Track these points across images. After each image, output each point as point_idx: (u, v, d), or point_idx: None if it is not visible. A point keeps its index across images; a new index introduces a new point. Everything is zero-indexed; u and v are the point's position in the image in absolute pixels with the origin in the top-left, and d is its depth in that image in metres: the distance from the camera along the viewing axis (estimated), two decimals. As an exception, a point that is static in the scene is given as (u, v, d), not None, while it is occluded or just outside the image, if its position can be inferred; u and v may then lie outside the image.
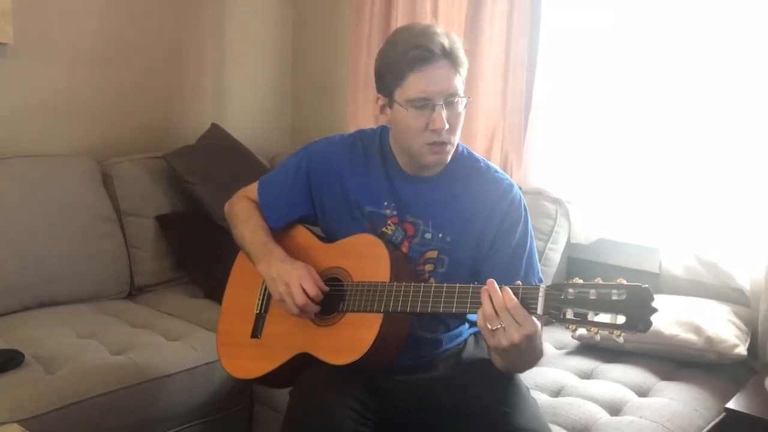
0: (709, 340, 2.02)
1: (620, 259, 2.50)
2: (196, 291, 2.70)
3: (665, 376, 2.04)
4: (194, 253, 2.74)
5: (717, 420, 1.87)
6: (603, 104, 2.47)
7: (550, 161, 2.56)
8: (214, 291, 2.61)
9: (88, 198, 2.62)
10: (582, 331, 1.40)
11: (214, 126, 3.08)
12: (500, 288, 1.44)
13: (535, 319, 1.43)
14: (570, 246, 2.56)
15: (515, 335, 1.42)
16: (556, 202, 2.50)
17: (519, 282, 1.47)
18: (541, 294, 1.42)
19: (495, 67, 2.63)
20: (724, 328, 2.06)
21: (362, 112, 2.97)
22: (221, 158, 2.93)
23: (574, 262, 2.59)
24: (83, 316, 2.41)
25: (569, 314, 1.40)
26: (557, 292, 1.41)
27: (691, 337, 2.04)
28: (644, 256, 2.45)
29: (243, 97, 3.36)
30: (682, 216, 2.34)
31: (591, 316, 1.38)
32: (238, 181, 2.07)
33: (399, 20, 2.82)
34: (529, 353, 1.50)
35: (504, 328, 1.43)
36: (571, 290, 1.40)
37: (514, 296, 1.42)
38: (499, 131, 2.67)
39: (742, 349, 2.02)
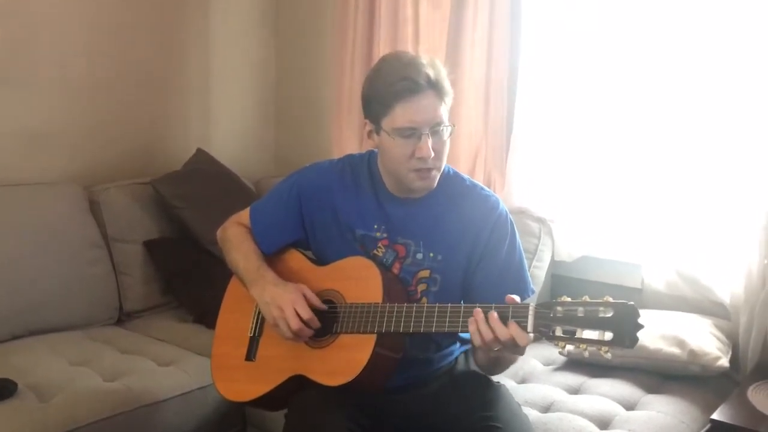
0: (692, 353, 2.07)
1: (603, 275, 2.55)
2: (186, 316, 2.71)
3: (651, 390, 2.09)
4: (183, 277, 2.75)
5: (703, 431, 1.91)
6: (583, 124, 2.53)
7: (533, 181, 2.61)
8: (204, 315, 2.62)
9: (75, 225, 2.63)
10: (570, 347, 1.44)
11: (199, 151, 3.11)
12: (487, 316, 1.47)
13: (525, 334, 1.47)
14: (554, 263, 2.60)
15: (513, 349, 1.49)
16: (540, 221, 2.55)
17: (515, 298, 1.50)
18: (531, 312, 1.46)
19: (476, 91, 2.68)
20: (707, 341, 2.11)
21: (346, 135, 3.00)
22: (208, 183, 2.95)
23: (558, 279, 2.64)
24: (74, 343, 2.41)
25: (558, 332, 1.44)
26: (546, 311, 1.45)
27: (675, 350, 2.09)
28: (627, 272, 2.50)
29: (227, 122, 3.39)
30: (663, 232, 2.39)
31: (579, 333, 1.42)
32: (225, 206, 2.10)
33: (381, 45, 2.87)
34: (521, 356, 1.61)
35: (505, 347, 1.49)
36: (559, 308, 1.44)
37: (502, 324, 1.46)
38: (482, 153, 2.72)
39: (724, 362, 2.08)
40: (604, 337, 1.40)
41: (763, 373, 2.07)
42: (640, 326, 1.38)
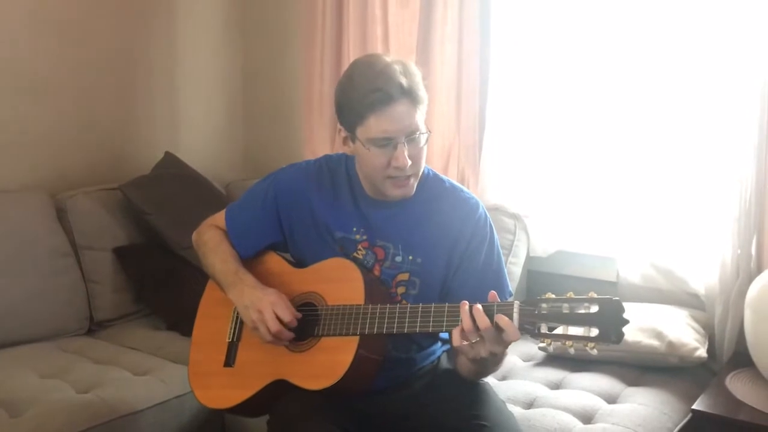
0: (671, 344, 2.09)
1: (578, 269, 2.56)
2: (159, 323, 2.66)
3: (631, 382, 2.10)
4: (154, 284, 2.70)
5: (684, 421, 1.93)
6: (556, 119, 2.54)
7: (507, 177, 2.62)
8: (178, 322, 2.58)
9: (42, 233, 2.56)
10: (557, 344, 1.44)
11: (168, 154, 3.05)
12: (472, 307, 1.46)
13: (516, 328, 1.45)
14: (529, 259, 2.61)
15: (497, 347, 1.46)
16: (514, 216, 2.55)
17: (495, 296, 1.50)
18: (516, 310, 1.45)
19: (448, 89, 2.67)
20: (684, 333, 2.13)
21: (318, 136, 2.98)
22: (177, 187, 2.90)
23: (534, 274, 2.65)
24: (44, 355, 2.34)
25: (543, 329, 1.43)
26: (531, 308, 1.45)
27: (654, 342, 2.11)
28: (602, 266, 2.52)
29: (195, 124, 3.34)
30: (637, 226, 2.42)
31: (565, 330, 1.42)
32: (196, 210, 2.06)
33: (350, 44, 2.84)
34: (501, 358, 1.57)
35: (484, 339, 1.46)
36: (544, 305, 1.44)
37: (485, 316, 1.44)
38: (455, 150, 2.72)
39: (702, 352, 2.10)
40: (590, 333, 1.40)
41: (739, 361, 2.09)
42: (626, 321, 1.38)
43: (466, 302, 1.48)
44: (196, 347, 1.85)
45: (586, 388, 2.05)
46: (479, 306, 1.47)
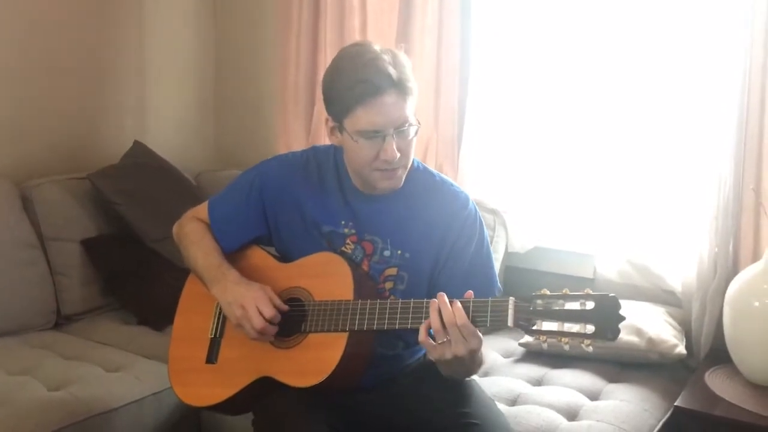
0: (650, 341, 2.11)
1: (556, 266, 2.57)
2: (129, 317, 2.59)
3: (612, 378, 2.11)
4: (124, 277, 2.62)
5: (666, 417, 1.95)
6: (535, 115, 2.55)
7: (485, 172, 2.61)
8: (148, 316, 2.52)
9: (6, 224, 2.47)
10: (552, 341, 1.43)
11: (137, 143, 2.96)
12: (451, 303, 1.45)
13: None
14: (507, 255, 2.61)
15: (461, 349, 1.44)
16: (493, 212, 2.55)
17: (470, 296, 1.48)
18: (511, 306, 1.44)
19: (427, 81, 2.64)
20: (663, 329, 2.15)
21: (293, 127, 2.92)
22: (148, 177, 2.83)
23: (511, 270, 2.64)
24: (10, 350, 2.26)
25: (539, 325, 1.42)
26: (526, 304, 1.44)
27: (634, 339, 2.12)
28: (579, 263, 2.53)
29: (165, 113, 3.25)
30: (615, 222, 2.43)
31: (560, 327, 1.41)
32: (167, 201, 1.99)
33: (327, 34, 2.79)
34: (470, 364, 1.54)
35: (450, 341, 1.44)
36: (539, 301, 1.43)
37: (464, 313, 1.43)
38: (433, 144, 2.69)
39: (681, 349, 2.12)
40: (585, 330, 1.39)
41: (717, 358, 2.12)
42: (622, 318, 1.38)
43: (436, 300, 1.46)
44: (176, 343, 1.80)
45: (568, 384, 2.05)
46: (446, 299, 1.45)
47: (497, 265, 2.51)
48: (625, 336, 2.13)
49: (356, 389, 1.65)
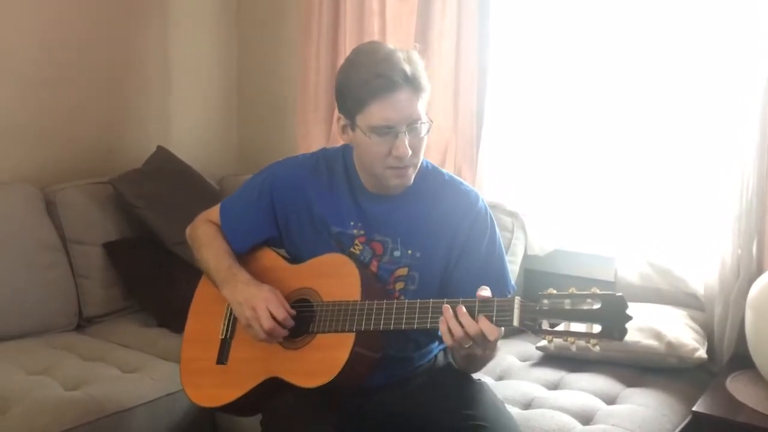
0: (670, 345, 2.06)
1: (576, 269, 2.53)
2: (149, 320, 2.61)
3: (630, 383, 2.07)
4: (145, 280, 2.65)
5: (684, 423, 1.90)
6: (554, 117, 2.52)
7: (504, 174, 2.59)
8: (168, 319, 2.53)
9: (31, 227, 2.51)
10: (558, 341, 1.40)
11: (160, 148, 3.00)
12: (456, 309, 1.43)
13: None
14: (526, 258, 2.58)
15: (477, 350, 1.46)
16: (512, 214, 2.52)
17: (483, 293, 1.46)
18: (517, 306, 1.42)
19: (445, 84, 2.64)
20: (683, 333, 2.11)
21: (312, 131, 2.94)
22: (169, 181, 2.86)
23: (531, 273, 2.61)
24: (31, 351, 2.29)
25: (545, 325, 1.40)
26: (532, 304, 1.41)
27: (653, 343, 2.08)
28: (600, 266, 2.49)
29: (188, 118, 3.29)
30: (636, 224, 2.39)
31: (567, 326, 1.38)
32: (188, 204, 2.01)
33: (347, 38, 2.81)
34: (495, 351, 1.57)
35: (476, 343, 1.44)
36: (546, 301, 1.41)
37: (471, 320, 1.42)
38: (452, 146, 2.68)
39: (702, 353, 2.07)
40: (592, 329, 1.37)
41: (739, 363, 2.07)
42: (629, 317, 1.35)
43: (449, 306, 1.45)
44: (188, 344, 1.81)
45: (584, 388, 2.02)
46: (464, 309, 1.43)
47: (515, 268, 2.50)
48: (644, 340, 2.09)
49: (365, 390, 1.64)
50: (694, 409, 1.85)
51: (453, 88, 2.64)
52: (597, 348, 1.37)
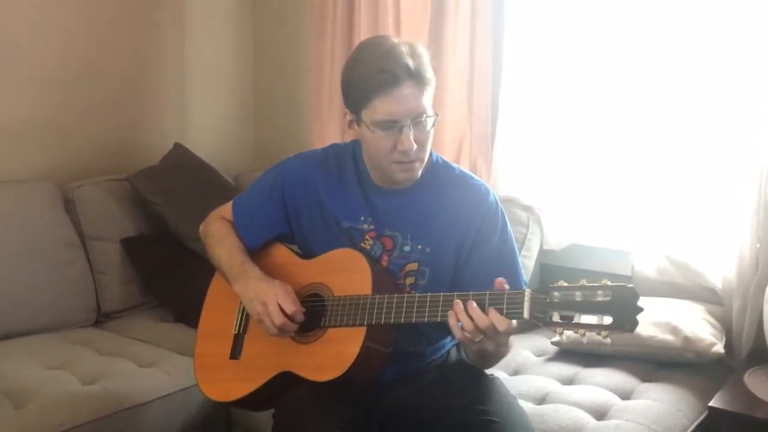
0: (686, 339, 2.04)
1: (593, 263, 2.51)
2: (166, 315, 2.64)
3: (646, 378, 2.05)
4: (162, 276, 2.68)
5: (701, 419, 1.88)
6: (570, 110, 2.49)
7: (519, 169, 2.57)
8: (185, 314, 2.55)
9: (49, 224, 2.55)
10: (569, 333, 1.40)
11: (177, 145, 3.03)
12: (467, 304, 1.43)
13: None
14: (542, 253, 2.56)
15: (489, 344, 1.46)
16: (528, 209, 2.51)
17: (505, 286, 1.46)
18: (527, 298, 1.41)
19: (460, 78, 2.63)
20: (701, 328, 2.08)
21: (327, 127, 2.95)
22: (186, 178, 2.88)
23: (547, 268, 2.60)
24: (50, 346, 2.32)
25: (556, 317, 1.39)
26: (543, 296, 1.41)
27: (669, 337, 2.06)
28: (616, 260, 2.46)
29: (205, 115, 3.31)
30: (653, 218, 2.36)
31: (577, 318, 1.38)
32: (205, 201, 2.03)
33: (361, 35, 2.80)
34: (508, 347, 1.57)
35: (488, 336, 1.43)
36: (556, 293, 1.40)
37: (482, 314, 1.42)
38: (467, 141, 2.67)
39: (719, 348, 2.05)
40: (603, 321, 1.36)
41: (758, 358, 2.04)
42: (640, 309, 1.34)
43: (460, 301, 1.45)
44: (201, 339, 1.82)
45: (599, 383, 2.00)
46: (474, 304, 1.43)
47: (531, 263, 2.49)
48: (661, 334, 2.07)
49: (377, 384, 1.64)
50: (710, 404, 1.83)
51: (467, 83, 2.63)
52: (608, 340, 1.36)
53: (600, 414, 1.86)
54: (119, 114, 3.01)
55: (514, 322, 1.44)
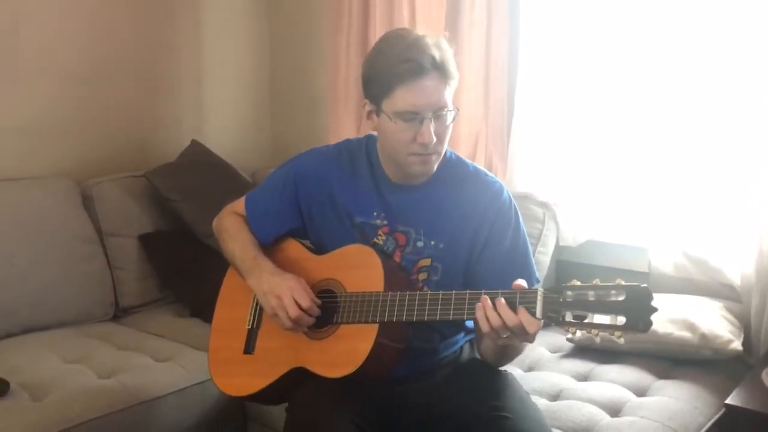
0: (703, 336, 2.02)
1: (609, 259, 2.49)
2: (183, 310, 2.66)
3: (662, 375, 2.04)
4: (179, 271, 2.70)
5: (717, 416, 1.86)
6: (586, 105, 2.47)
7: (535, 165, 2.55)
8: (201, 309, 2.56)
9: (68, 220, 2.58)
10: (582, 333, 1.39)
11: (194, 142, 3.05)
12: (495, 301, 1.42)
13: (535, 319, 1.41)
14: (558, 249, 2.55)
15: (515, 340, 1.44)
16: (543, 205, 2.49)
17: (522, 283, 1.45)
18: (540, 298, 1.40)
19: (476, 74, 2.62)
20: (718, 325, 2.06)
21: (344, 123, 2.95)
22: (203, 175, 2.90)
23: (563, 264, 2.58)
24: (68, 340, 2.35)
25: (568, 317, 1.38)
26: (555, 295, 1.40)
27: (686, 334, 2.04)
28: (633, 256, 2.44)
29: (222, 112, 3.33)
30: (670, 214, 2.34)
31: (590, 318, 1.36)
32: (221, 198, 2.05)
33: (377, 30, 2.80)
34: (524, 347, 1.58)
35: (514, 334, 1.43)
36: (569, 292, 1.39)
37: (512, 313, 1.40)
38: (483, 137, 2.66)
39: (737, 345, 2.02)
40: (616, 321, 1.34)
41: (777, 355, 2.02)
42: (654, 309, 1.33)
43: (488, 297, 1.43)
44: (215, 334, 1.83)
45: (614, 380, 1.99)
46: (503, 300, 1.42)
47: (547, 260, 2.47)
48: (677, 331, 2.05)
49: (390, 380, 1.64)
50: (727, 402, 1.81)
51: (483, 78, 2.62)
52: (621, 340, 1.35)
53: (614, 411, 1.85)
54: (137, 112, 3.04)
55: (542, 321, 1.42)
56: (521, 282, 1.45)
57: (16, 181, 2.54)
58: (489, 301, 1.43)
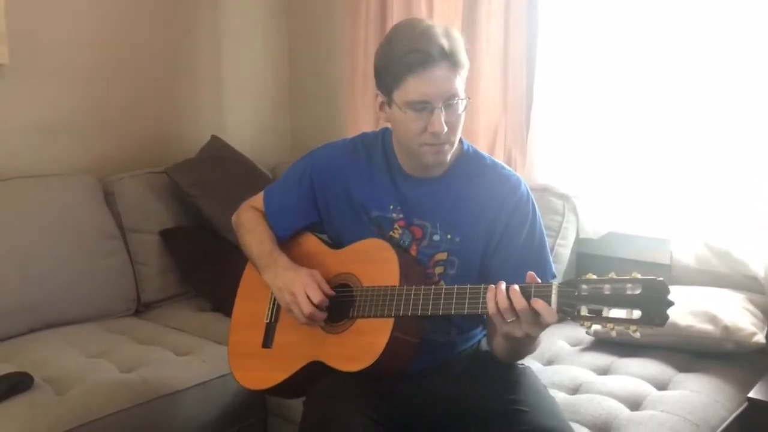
0: (726, 329, 1.99)
1: (630, 252, 2.47)
2: (204, 304, 2.68)
3: (683, 368, 2.02)
4: (200, 266, 2.72)
5: (740, 410, 1.84)
6: (606, 96, 2.45)
7: (555, 156, 2.53)
8: (222, 304, 2.58)
9: (90, 216, 2.60)
10: (597, 327, 1.38)
11: (214, 138, 3.06)
12: (509, 288, 1.41)
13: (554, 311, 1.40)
14: (579, 241, 2.53)
15: (533, 329, 1.41)
16: (563, 197, 2.47)
17: (533, 277, 1.44)
18: (554, 291, 1.39)
19: (494, 65, 2.60)
20: (741, 317, 2.03)
21: (362, 116, 2.95)
22: (223, 170, 2.91)
23: (584, 257, 2.56)
24: (91, 335, 2.38)
25: (584, 311, 1.37)
26: (571, 289, 1.39)
27: (708, 327, 2.02)
28: (655, 248, 2.42)
29: (241, 107, 3.34)
30: (692, 205, 2.31)
31: (606, 312, 1.35)
32: (241, 193, 2.07)
33: (395, 21, 2.77)
34: (536, 340, 1.53)
35: (520, 320, 1.41)
36: (584, 286, 1.38)
37: (522, 298, 1.39)
38: (502, 129, 2.65)
39: (760, 337, 2.00)
40: (632, 315, 1.33)
41: (801, 348, 1.99)
42: (671, 303, 1.31)
43: (503, 282, 1.43)
44: (235, 328, 1.85)
45: (634, 373, 1.97)
46: (516, 287, 1.41)
47: (566, 252, 2.46)
48: (699, 324, 2.03)
49: (408, 374, 1.64)
50: (750, 395, 1.79)
51: (502, 70, 2.60)
52: (637, 334, 1.34)
53: (635, 404, 1.84)
54: (157, 108, 3.06)
55: (557, 315, 1.40)
56: (534, 275, 1.44)
57: (38, 178, 2.57)
58: (503, 285, 1.42)
